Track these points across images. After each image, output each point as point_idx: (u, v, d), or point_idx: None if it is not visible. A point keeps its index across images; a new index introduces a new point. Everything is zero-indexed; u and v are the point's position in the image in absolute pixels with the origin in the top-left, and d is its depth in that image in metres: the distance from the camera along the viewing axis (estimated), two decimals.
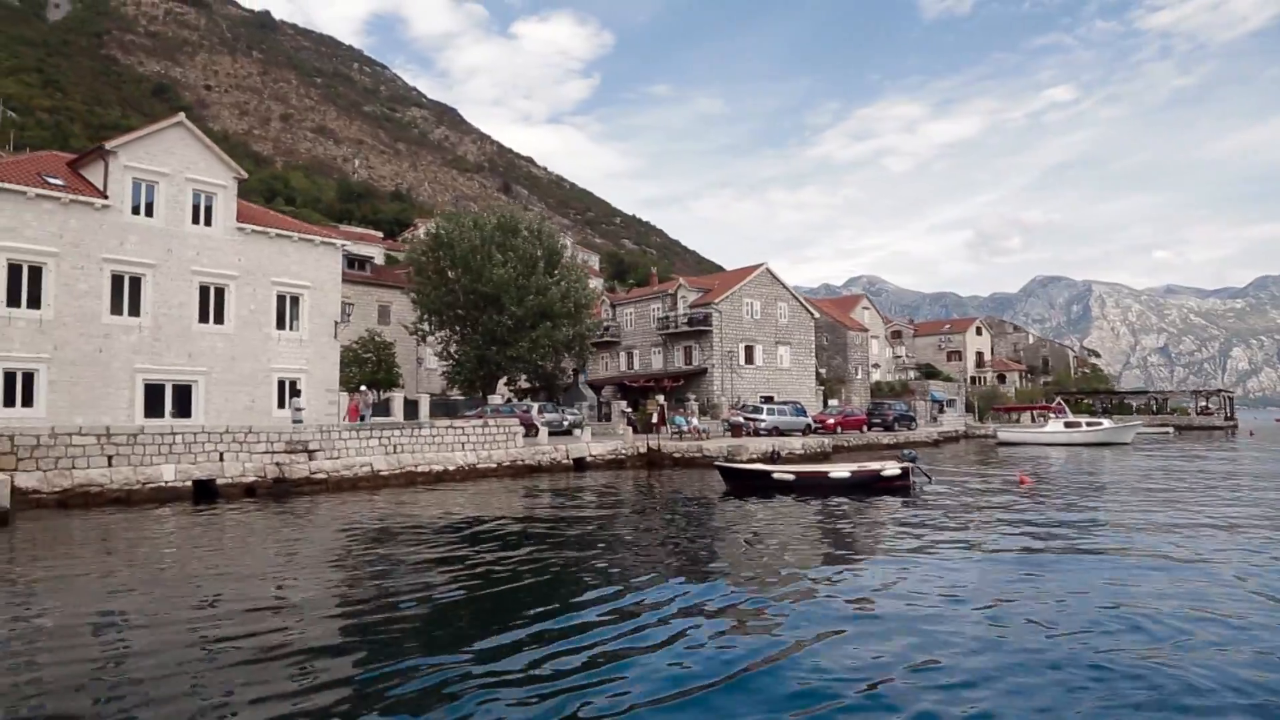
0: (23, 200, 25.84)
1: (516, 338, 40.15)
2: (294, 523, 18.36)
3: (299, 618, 10.00)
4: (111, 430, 21.29)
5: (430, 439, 27.88)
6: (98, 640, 9.04)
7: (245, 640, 8.88)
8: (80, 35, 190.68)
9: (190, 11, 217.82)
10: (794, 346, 56.27)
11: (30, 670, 8.06)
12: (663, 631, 9.25)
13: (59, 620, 9.90)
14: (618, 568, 13.17)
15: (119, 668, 8.05)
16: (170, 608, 10.45)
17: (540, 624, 9.57)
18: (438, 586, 11.69)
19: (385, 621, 9.80)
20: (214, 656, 8.33)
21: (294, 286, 31.62)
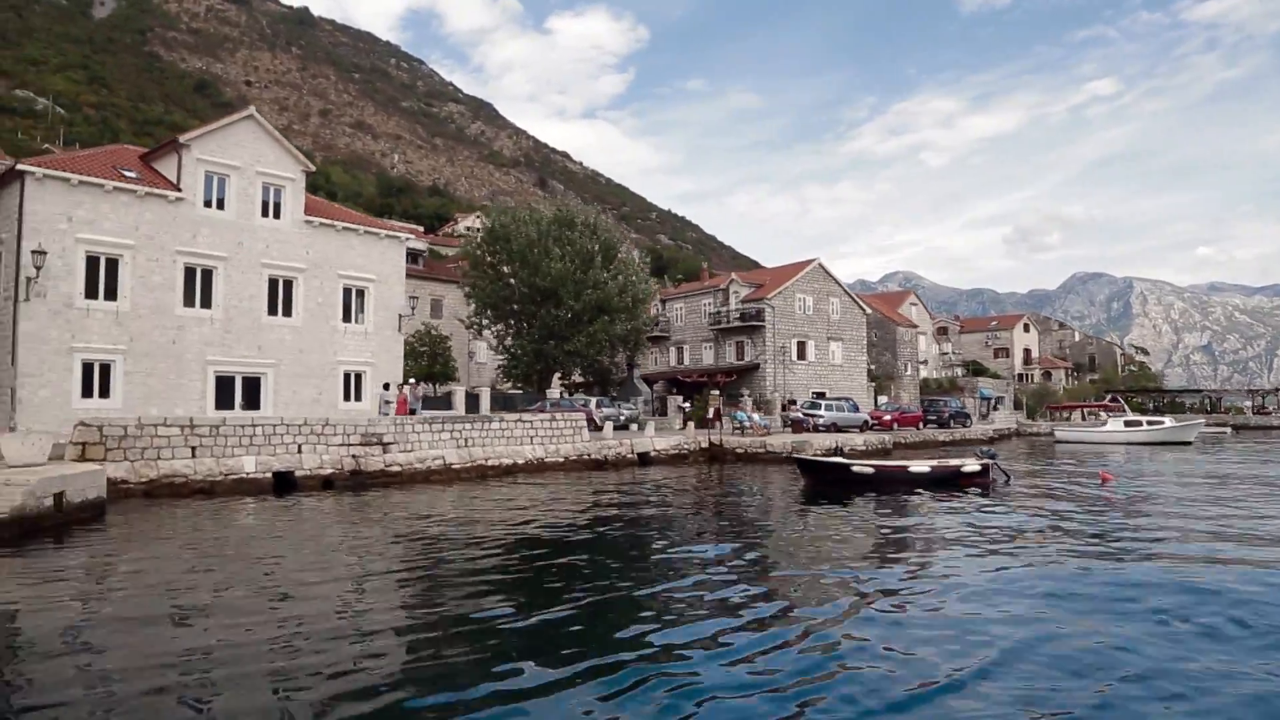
0: (101, 193, 26.00)
1: (574, 332, 39.96)
2: (371, 515, 18.19)
3: (374, 612, 9.87)
4: (195, 422, 21.32)
5: (500, 433, 27.74)
6: (186, 629, 8.99)
7: (324, 637, 8.68)
8: (124, 32, 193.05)
9: (231, 8, 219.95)
10: (846, 343, 55.64)
11: (122, 659, 7.91)
12: (741, 631, 8.94)
13: (151, 610, 9.84)
14: (701, 562, 12.87)
15: (208, 659, 7.86)
16: (255, 600, 10.32)
17: (637, 627, 9.21)
18: (515, 588, 11.28)
19: (463, 622, 9.43)
20: (296, 652, 8.11)
21: (359, 279, 31.62)
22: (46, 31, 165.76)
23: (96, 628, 9.05)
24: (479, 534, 15.69)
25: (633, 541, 15.25)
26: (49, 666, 7.66)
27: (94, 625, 9.17)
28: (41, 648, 8.25)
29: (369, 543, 14.69)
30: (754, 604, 10.14)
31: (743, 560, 13.30)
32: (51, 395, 24.95)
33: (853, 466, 24.28)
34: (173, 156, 28.10)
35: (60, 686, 7.05)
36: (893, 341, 64.37)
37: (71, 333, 25.38)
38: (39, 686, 7.08)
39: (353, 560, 13.17)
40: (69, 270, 25.34)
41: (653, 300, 47.16)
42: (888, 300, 73.90)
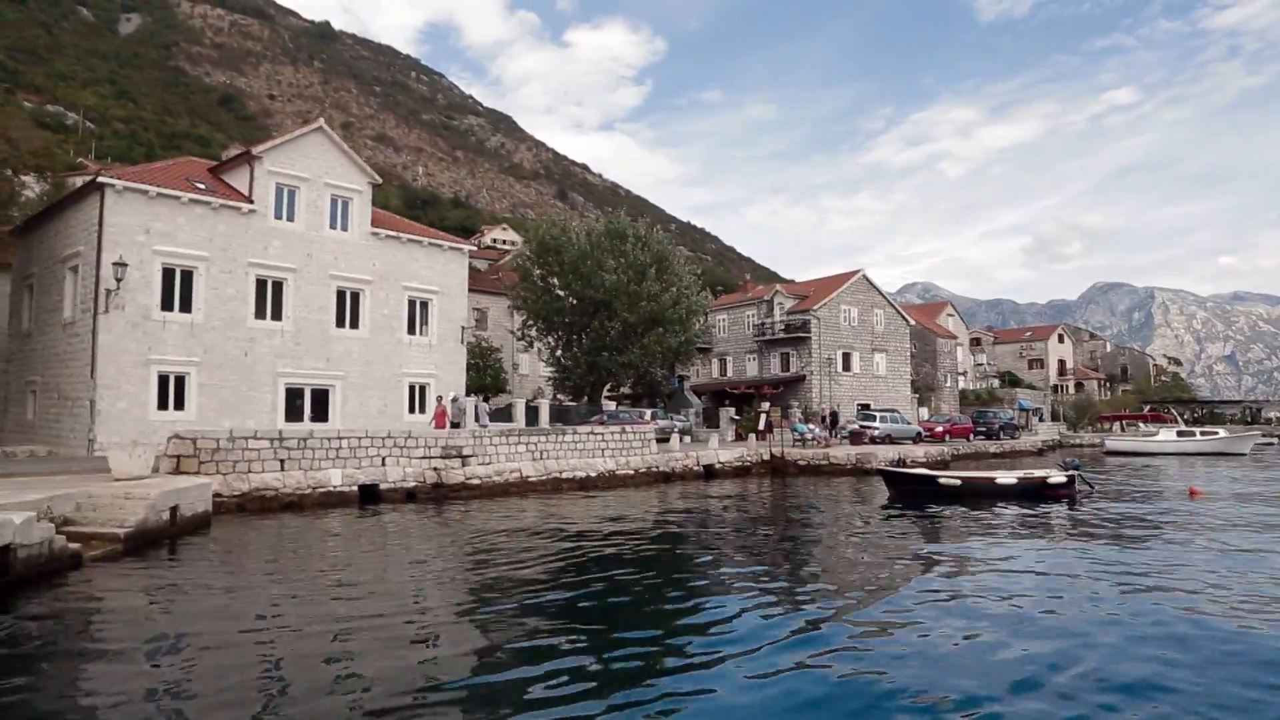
0: (177, 205, 26.01)
1: (628, 344, 39.74)
2: (462, 529, 17.91)
3: (487, 628, 9.67)
4: (284, 434, 21.17)
5: (573, 445, 27.51)
6: (299, 638, 9.08)
7: (426, 648, 8.69)
8: (150, 48, 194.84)
9: (254, 23, 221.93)
10: (890, 354, 55.25)
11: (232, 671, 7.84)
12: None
13: (268, 622, 9.80)
14: (791, 578, 12.60)
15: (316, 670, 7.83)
16: (367, 614, 10.14)
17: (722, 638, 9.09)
18: (600, 599, 11.18)
19: (551, 632, 9.38)
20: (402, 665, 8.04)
21: (424, 291, 31.53)
22: (75, 47, 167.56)
23: (219, 636, 9.06)
24: (565, 548, 15.36)
25: (735, 554, 15.05)
26: (183, 671, 7.66)
27: (217, 634, 9.14)
28: (170, 655, 8.29)
29: (469, 558, 14.39)
30: (867, 618, 9.97)
31: (850, 573, 13.03)
32: (129, 407, 24.90)
33: (940, 478, 23.97)
34: (244, 169, 28.10)
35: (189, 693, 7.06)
36: (932, 353, 63.93)
37: (148, 344, 25.35)
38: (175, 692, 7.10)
39: (456, 576, 12.96)
40: (146, 282, 25.32)
41: (705, 312, 46.93)
42: (925, 311, 73.43)
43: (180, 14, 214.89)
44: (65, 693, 7.37)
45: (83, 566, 12.31)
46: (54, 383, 27.12)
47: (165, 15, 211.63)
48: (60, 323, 27.02)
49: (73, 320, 26.31)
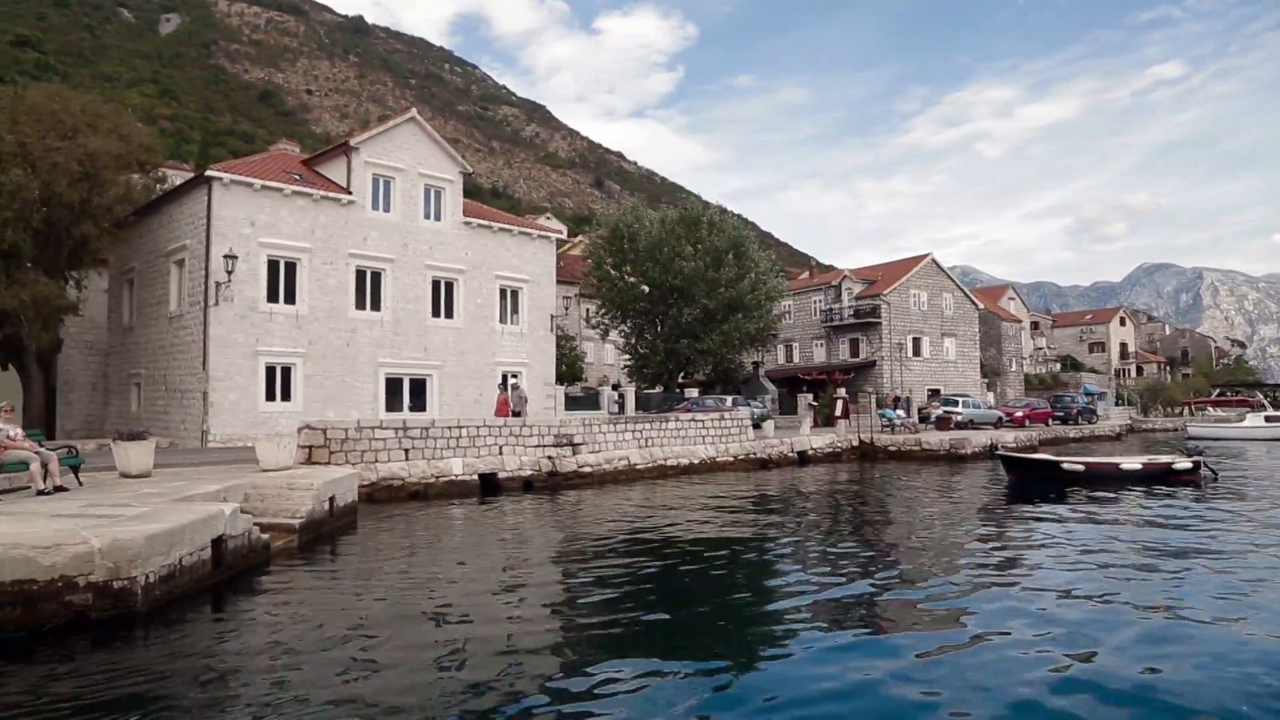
0: (280, 197, 26.05)
1: (707, 330, 39.44)
2: (589, 517, 17.76)
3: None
4: (407, 424, 21.14)
5: (676, 433, 27.35)
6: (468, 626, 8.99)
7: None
8: (190, 47, 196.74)
9: (289, 19, 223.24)
10: (959, 338, 54.50)
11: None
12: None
13: (441, 608, 9.84)
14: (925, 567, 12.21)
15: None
16: (514, 601, 10.27)
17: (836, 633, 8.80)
18: (723, 590, 11.01)
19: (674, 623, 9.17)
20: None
21: (514, 280, 31.43)
22: (118, 49, 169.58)
23: (425, 625, 9.15)
24: (689, 533, 15.17)
25: (873, 541, 14.77)
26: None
27: (423, 622, 9.23)
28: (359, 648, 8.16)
29: (603, 545, 14.20)
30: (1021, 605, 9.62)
31: (995, 557, 12.68)
32: (239, 399, 25.03)
33: (1063, 463, 23.46)
34: (341, 160, 28.10)
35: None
36: (997, 336, 62.97)
37: (256, 336, 25.45)
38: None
39: (601, 563, 12.77)
40: (253, 274, 25.41)
41: (783, 297, 46.53)
42: (987, 294, 72.30)
43: (218, 13, 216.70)
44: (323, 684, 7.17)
45: (271, 557, 12.28)
46: (160, 375, 27.34)
47: (203, 14, 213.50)
48: (166, 316, 27.21)
49: (180, 313, 26.48)
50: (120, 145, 23.91)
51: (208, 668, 7.59)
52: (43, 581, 8.20)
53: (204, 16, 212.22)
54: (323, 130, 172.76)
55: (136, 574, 8.73)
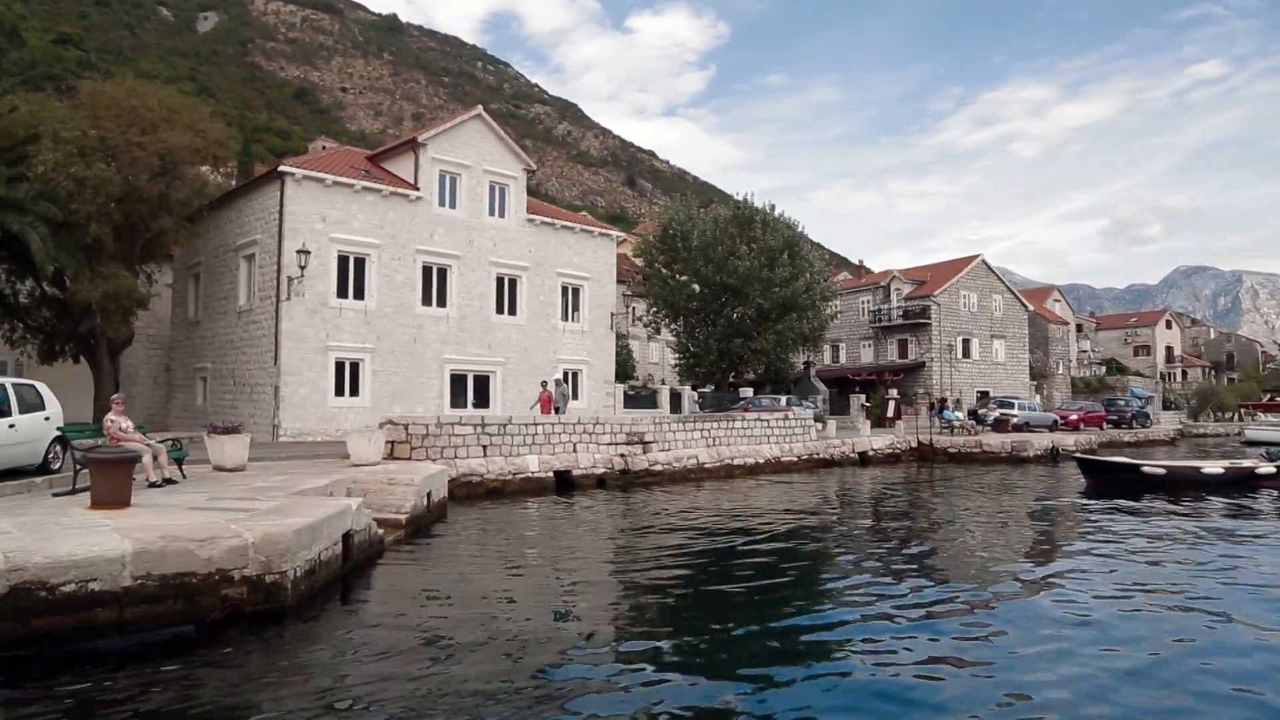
0: (350, 193, 26.12)
1: (761, 330, 39.18)
2: (672, 514, 17.62)
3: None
4: (486, 420, 21.10)
5: (742, 432, 27.20)
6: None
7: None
8: (227, 45, 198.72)
9: (324, 18, 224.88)
10: (1008, 340, 53.87)
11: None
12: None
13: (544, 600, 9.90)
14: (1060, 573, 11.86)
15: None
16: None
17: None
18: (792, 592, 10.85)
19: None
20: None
21: (576, 278, 31.38)
22: (157, 47, 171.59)
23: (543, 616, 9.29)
24: (771, 534, 15.09)
25: (949, 544, 14.55)
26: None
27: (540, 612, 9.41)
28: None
29: (691, 542, 14.06)
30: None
31: (1089, 565, 12.36)
32: (310, 394, 25.13)
33: (1143, 467, 23.05)
34: (408, 156, 28.14)
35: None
36: (1044, 338, 62.17)
37: (326, 331, 25.54)
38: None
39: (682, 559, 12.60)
40: (324, 270, 25.49)
41: (837, 296, 46.18)
42: (1033, 295, 71.30)
43: (254, 10, 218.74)
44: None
45: (383, 550, 12.25)
46: (229, 369, 27.51)
47: (240, 12, 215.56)
48: (234, 310, 27.38)
49: (249, 308, 26.62)
50: (197, 140, 24.06)
51: (359, 662, 7.56)
52: (201, 575, 8.16)
53: (241, 15, 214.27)
54: (357, 128, 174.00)
55: (286, 568, 8.70)
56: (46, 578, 7.34)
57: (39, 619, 7.29)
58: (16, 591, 7.18)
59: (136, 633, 7.68)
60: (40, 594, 7.30)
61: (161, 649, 7.54)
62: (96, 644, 7.42)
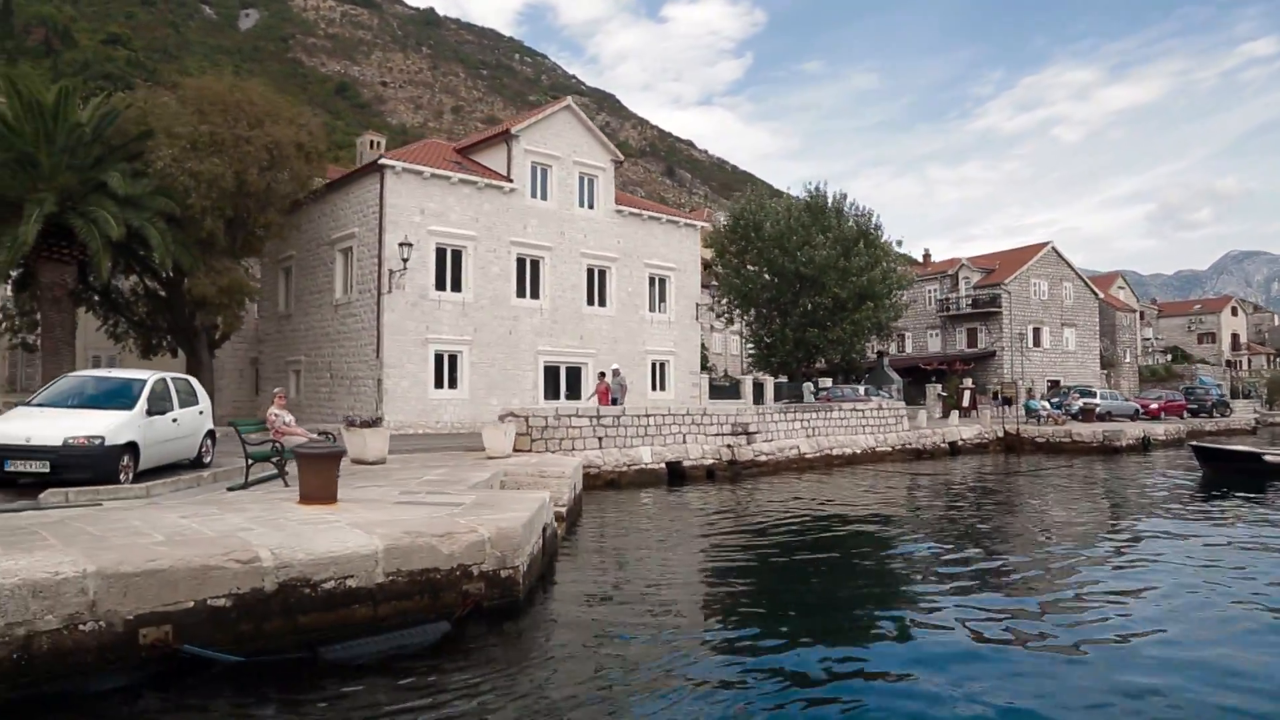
0: (447, 185, 26.14)
1: (837, 320, 38.80)
2: (823, 502, 17.44)
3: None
4: (601, 412, 21.03)
5: (840, 422, 26.98)
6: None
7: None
8: (269, 41, 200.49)
9: (363, 12, 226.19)
10: (1079, 329, 53.02)
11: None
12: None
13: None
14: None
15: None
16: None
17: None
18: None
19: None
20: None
21: (662, 268, 31.22)
22: (201, 44, 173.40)
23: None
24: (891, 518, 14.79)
25: (1075, 535, 14.27)
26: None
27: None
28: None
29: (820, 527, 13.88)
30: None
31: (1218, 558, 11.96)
32: (410, 386, 25.22)
33: (1265, 455, 22.46)
34: (500, 148, 28.10)
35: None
36: (1111, 326, 61.03)
37: (426, 324, 25.61)
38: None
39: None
40: (422, 262, 25.53)
41: (912, 285, 45.67)
42: (1096, 283, 70.02)
43: (295, 7, 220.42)
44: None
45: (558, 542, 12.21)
46: (325, 362, 27.70)
47: (281, 9, 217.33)
48: (330, 304, 27.54)
49: (347, 301, 26.76)
50: (301, 134, 24.20)
51: (597, 652, 7.62)
52: (444, 570, 8.13)
53: (282, 11, 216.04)
54: (398, 122, 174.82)
55: (519, 562, 8.67)
56: (310, 575, 7.33)
57: (304, 616, 7.28)
58: (284, 589, 7.17)
59: (391, 629, 7.64)
60: (304, 591, 7.29)
61: (418, 645, 7.52)
62: (359, 641, 7.40)
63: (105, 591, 6.31)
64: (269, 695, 6.45)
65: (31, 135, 20.56)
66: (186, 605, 6.66)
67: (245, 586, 6.95)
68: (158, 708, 6.19)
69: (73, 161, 21.07)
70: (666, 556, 12.20)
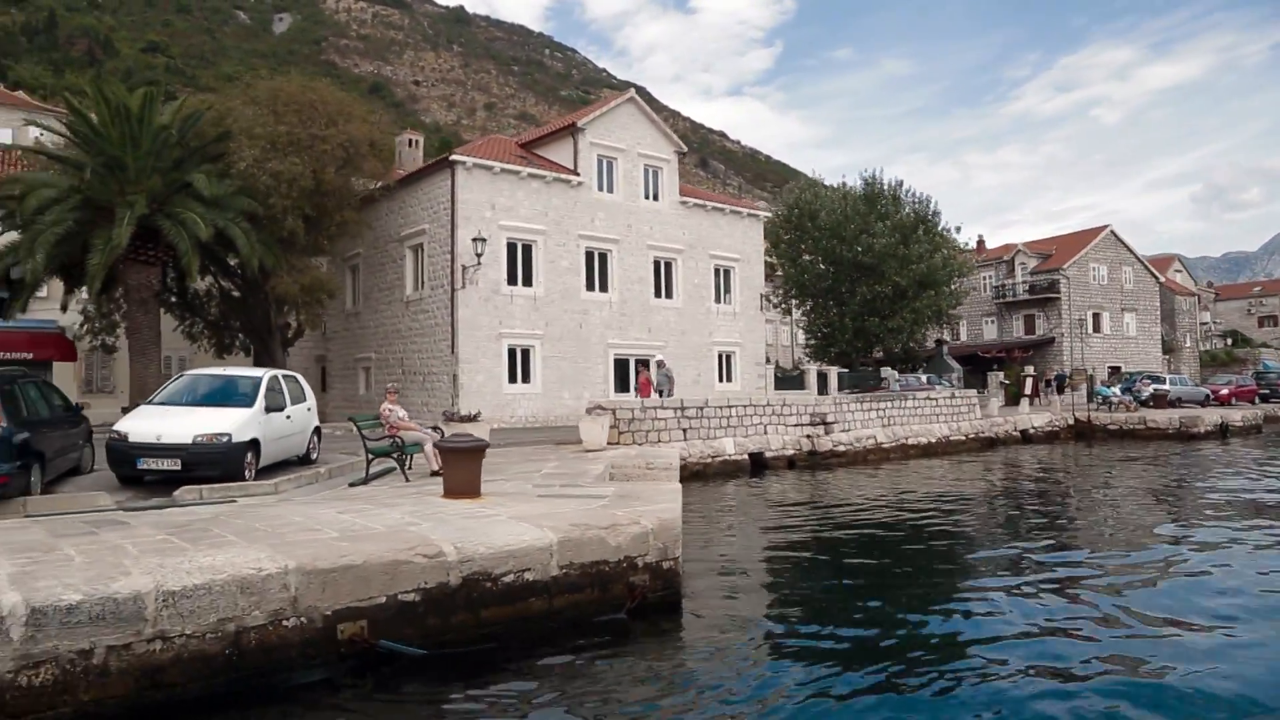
0: (516, 180, 26.15)
1: (898, 308, 38.37)
2: (870, 492, 17.20)
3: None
4: (684, 404, 20.94)
5: (914, 411, 26.67)
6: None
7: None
8: (302, 44, 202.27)
9: (394, 13, 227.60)
10: (1139, 313, 52.02)
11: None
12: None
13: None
14: None
15: None
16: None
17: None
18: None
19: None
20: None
21: (727, 259, 31.05)
22: (236, 49, 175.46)
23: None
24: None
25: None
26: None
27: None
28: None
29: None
30: None
31: None
32: (485, 381, 25.28)
33: None
34: (565, 142, 28.06)
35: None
36: (1170, 311, 59.82)
37: (499, 319, 25.65)
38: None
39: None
40: (494, 257, 25.56)
41: (972, 272, 45.10)
42: (1154, 265, 68.76)
43: (327, 9, 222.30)
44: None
45: None
46: (396, 358, 27.86)
47: (313, 12, 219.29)
48: (401, 300, 27.68)
49: (418, 297, 26.88)
50: (374, 131, 24.32)
51: (753, 643, 7.60)
52: (612, 562, 8.08)
53: (314, 14, 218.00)
54: (431, 120, 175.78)
55: (678, 553, 8.60)
56: (490, 568, 7.31)
57: (485, 610, 7.25)
58: (468, 582, 7.16)
59: (565, 622, 7.59)
60: (486, 584, 7.28)
61: (595, 637, 7.49)
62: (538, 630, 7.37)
63: (305, 587, 6.33)
64: (458, 687, 6.42)
65: (118, 139, 20.81)
66: (379, 600, 6.67)
67: (432, 581, 6.95)
68: (356, 700, 6.19)
69: (157, 164, 21.30)
70: (775, 543, 12.33)
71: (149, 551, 6.70)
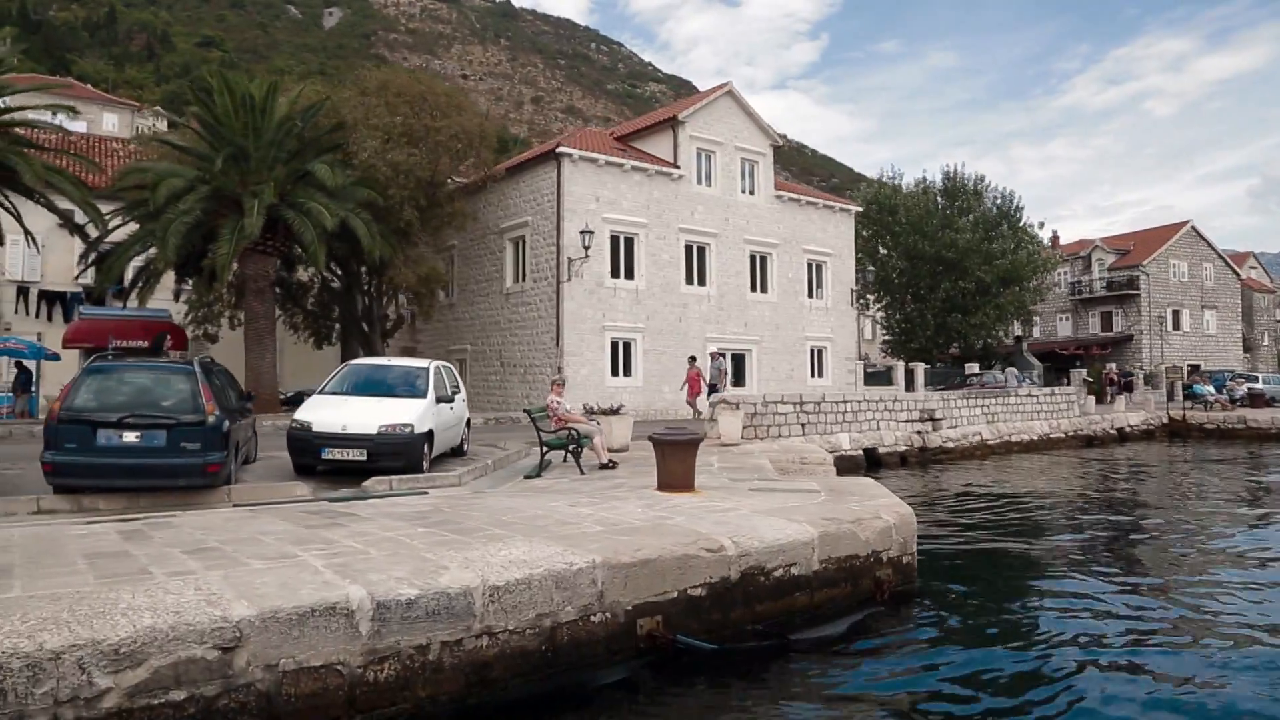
0: (619, 173, 26.15)
1: (981, 303, 37.89)
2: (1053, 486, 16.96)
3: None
4: (803, 399, 20.85)
5: (1015, 408, 26.43)
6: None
7: None
8: (352, 38, 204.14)
9: (442, 6, 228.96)
10: (1220, 311, 50.92)
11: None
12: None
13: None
14: None
15: None
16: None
17: None
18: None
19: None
20: None
21: (819, 254, 30.86)
22: (287, 43, 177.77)
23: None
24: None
25: None
26: None
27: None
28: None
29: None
30: None
31: None
32: (590, 374, 25.35)
33: None
34: (663, 135, 28.03)
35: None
36: (1248, 308, 58.48)
37: (602, 311, 25.71)
38: None
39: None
40: (598, 250, 25.59)
41: (1056, 268, 44.48)
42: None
43: (375, 4, 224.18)
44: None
45: None
46: (494, 351, 28.04)
47: (362, 7, 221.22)
48: (500, 292, 27.84)
49: (519, 289, 27.01)
50: (484, 123, 24.48)
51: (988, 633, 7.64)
52: (861, 557, 8.06)
53: (363, 9, 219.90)
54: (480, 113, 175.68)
55: (915, 548, 8.55)
56: (764, 563, 7.31)
57: (759, 604, 7.24)
58: (745, 577, 7.15)
59: (826, 616, 7.57)
60: (760, 579, 7.28)
61: (855, 630, 7.49)
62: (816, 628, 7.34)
63: (610, 582, 6.31)
64: (749, 681, 6.38)
65: (240, 129, 21.13)
66: (671, 595, 6.68)
67: (715, 575, 6.95)
68: (661, 700, 6.07)
69: (279, 155, 21.59)
70: (954, 534, 12.34)
71: (433, 545, 6.65)
